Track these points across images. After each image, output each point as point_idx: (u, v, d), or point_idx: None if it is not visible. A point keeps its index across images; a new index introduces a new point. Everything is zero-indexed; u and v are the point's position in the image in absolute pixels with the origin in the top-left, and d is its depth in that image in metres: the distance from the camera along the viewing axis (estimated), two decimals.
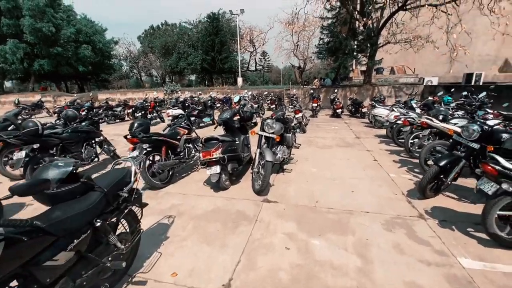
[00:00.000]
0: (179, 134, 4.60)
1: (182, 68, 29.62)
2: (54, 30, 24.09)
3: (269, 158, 3.52)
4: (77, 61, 27.43)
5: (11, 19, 23.10)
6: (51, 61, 25.65)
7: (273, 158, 3.62)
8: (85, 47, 27.26)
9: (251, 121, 5.00)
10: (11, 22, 23.05)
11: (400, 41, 16.33)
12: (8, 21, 22.98)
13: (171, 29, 32.86)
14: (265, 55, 40.88)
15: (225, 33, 27.82)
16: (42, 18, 23.59)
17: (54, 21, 24.44)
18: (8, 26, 23.06)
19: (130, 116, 11.68)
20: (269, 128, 3.90)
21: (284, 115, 4.72)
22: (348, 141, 7.35)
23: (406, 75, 26.67)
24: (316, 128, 9.72)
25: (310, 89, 16.66)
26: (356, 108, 12.60)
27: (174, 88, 21.17)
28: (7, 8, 22.72)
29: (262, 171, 3.61)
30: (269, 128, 3.90)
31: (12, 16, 23.18)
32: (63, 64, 26.70)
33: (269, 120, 3.95)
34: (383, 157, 5.68)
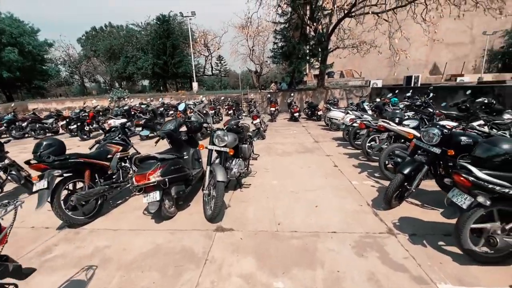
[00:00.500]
0: (110, 152, 3.76)
1: (131, 73, 27.41)
2: None
3: (221, 178, 2.96)
4: (0, 66, 23.50)
5: None
6: None
7: (226, 177, 3.07)
8: (10, 49, 23.54)
9: (200, 131, 4.38)
10: None
11: (348, 46, 17.21)
12: None
13: (117, 31, 30.31)
14: (221, 60, 40.27)
15: (177, 36, 26.58)
16: None
17: None
18: None
19: (64, 129, 10.05)
20: (220, 141, 3.34)
21: (238, 123, 4.21)
22: (307, 146, 7.15)
23: (354, 78, 28.47)
24: (275, 133, 9.44)
25: (268, 93, 16.56)
26: (312, 111, 12.74)
27: (121, 94, 19.32)
28: None
29: (214, 193, 3.03)
30: (220, 140, 3.34)
31: None
32: None
33: (219, 131, 3.39)
34: (342, 162, 5.52)
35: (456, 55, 30.65)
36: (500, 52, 27.20)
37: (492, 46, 26.79)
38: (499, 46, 27.45)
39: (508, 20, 29.08)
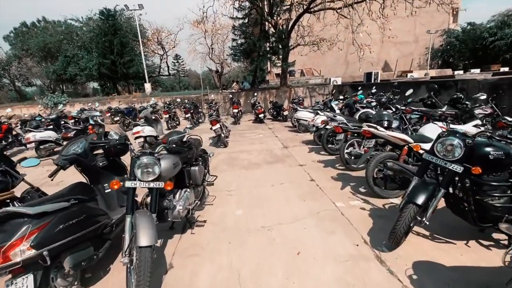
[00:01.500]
0: None
1: (72, 75, 24.02)
2: None
3: (145, 241, 1.80)
4: None
5: None
6: None
7: (154, 238, 1.89)
8: None
9: (125, 152, 3.09)
10: None
11: (308, 43, 16.84)
12: None
13: (53, 27, 26.42)
14: (178, 59, 37.92)
15: (126, 33, 23.98)
16: None
17: None
18: None
19: None
20: (146, 173, 2.14)
21: (182, 138, 3.03)
22: (277, 154, 6.20)
23: (314, 76, 28.72)
24: (240, 138, 8.37)
25: (229, 94, 15.42)
26: (277, 111, 11.94)
27: (58, 99, 16.54)
28: None
29: (137, 264, 1.84)
30: (146, 172, 2.14)
31: None
32: None
33: (145, 158, 2.16)
34: (319, 173, 4.66)
35: (403, 53, 32.70)
36: (440, 50, 29.61)
37: (433, 44, 29.02)
38: (439, 45, 29.90)
39: (445, 20, 31.99)
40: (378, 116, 3.80)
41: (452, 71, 24.37)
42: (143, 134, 6.89)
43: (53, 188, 2.82)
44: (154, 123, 8.05)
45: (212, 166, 5.48)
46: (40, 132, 7.35)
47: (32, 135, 7.20)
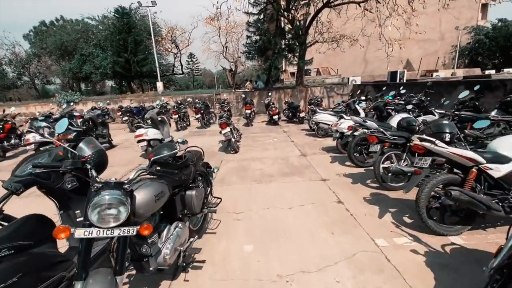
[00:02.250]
0: None
1: (88, 73, 24.14)
2: None
3: None
4: None
5: None
6: None
7: None
8: None
9: (103, 169, 2.36)
10: None
11: (327, 40, 15.84)
12: None
13: (70, 26, 26.73)
14: (192, 57, 37.70)
15: (140, 31, 23.81)
16: None
17: None
18: None
19: None
20: (108, 217, 1.42)
21: (176, 153, 2.30)
22: (294, 163, 5.41)
23: (330, 75, 27.61)
24: (252, 142, 7.63)
25: (242, 93, 14.71)
26: (293, 112, 11.11)
27: (71, 98, 16.46)
28: None
29: None
30: (108, 216, 1.42)
31: None
32: None
33: (107, 193, 1.42)
34: (348, 193, 3.83)
35: (426, 51, 30.84)
36: (467, 48, 27.66)
37: (459, 42, 27.14)
38: (466, 42, 27.96)
39: (473, 16, 29.84)
40: (436, 126, 2.92)
41: (481, 71, 22.54)
42: (146, 137, 6.28)
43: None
44: (161, 125, 7.45)
45: (219, 176, 4.78)
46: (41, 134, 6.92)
47: (31, 136, 6.78)
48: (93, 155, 2.19)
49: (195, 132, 10.01)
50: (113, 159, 6.66)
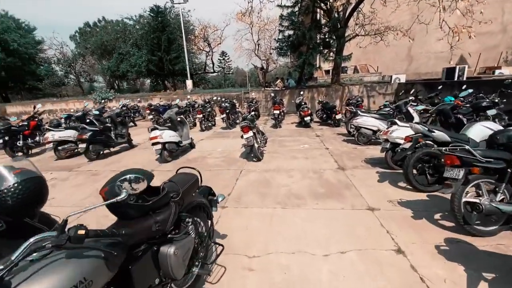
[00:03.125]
0: None
1: (124, 71, 25.04)
2: None
3: None
4: None
5: None
6: None
7: None
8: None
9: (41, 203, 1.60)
10: None
11: (370, 33, 14.14)
12: None
13: (111, 27, 27.97)
14: (224, 56, 37.55)
15: (174, 30, 23.97)
16: None
17: None
18: None
19: None
20: None
21: (136, 192, 1.41)
22: (329, 179, 4.32)
23: (369, 73, 25.50)
24: (279, 148, 6.64)
25: (272, 92, 13.73)
26: (327, 114, 9.87)
27: (106, 95, 16.92)
28: None
29: None
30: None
31: None
32: None
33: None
34: (410, 235, 2.68)
35: (484, 45, 26.94)
36: None
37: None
38: None
39: None
40: None
41: None
42: (160, 140, 5.64)
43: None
44: (180, 126, 6.81)
45: (235, 192, 3.90)
46: (60, 132, 6.68)
47: (50, 135, 6.55)
48: (18, 186, 1.40)
49: (218, 133, 9.29)
50: (127, 162, 6.15)
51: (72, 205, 3.88)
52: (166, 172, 5.19)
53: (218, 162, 5.72)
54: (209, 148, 7.06)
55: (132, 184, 1.24)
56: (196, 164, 5.64)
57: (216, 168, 5.25)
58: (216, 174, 4.89)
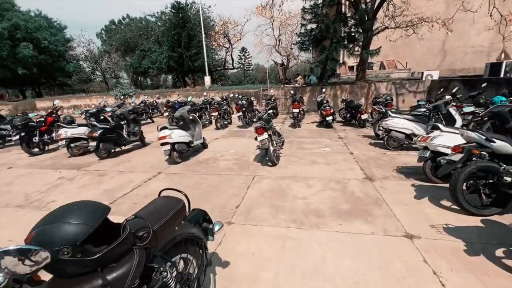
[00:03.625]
0: None
1: (146, 68, 25.42)
2: None
3: None
4: (15, 63, 22.79)
5: None
6: None
7: None
8: (25, 45, 22.67)
9: None
10: None
11: (401, 25, 12.97)
12: None
13: (134, 24, 28.50)
14: (244, 52, 37.11)
15: (194, 26, 23.88)
16: None
17: None
18: None
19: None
20: None
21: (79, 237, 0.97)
22: (355, 192, 3.70)
23: (397, 70, 23.93)
24: (297, 151, 6.06)
25: (291, 89, 13.06)
26: (352, 113, 9.09)
27: (126, 91, 17.13)
28: None
29: None
30: None
31: None
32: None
33: None
34: (468, 282, 2.05)
35: None
36: None
37: None
38: None
39: None
40: None
41: None
42: (169, 140, 5.29)
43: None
44: (192, 125, 6.45)
45: (244, 203, 3.42)
46: (73, 128, 6.57)
47: (63, 131, 6.45)
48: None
49: (234, 132, 8.85)
50: (136, 162, 5.88)
51: None
52: (172, 175, 4.82)
53: (230, 165, 5.26)
54: (222, 149, 6.63)
55: (17, 261, 0.77)
56: (206, 166, 5.23)
57: (227, 173, 4.79)
58: (226, 180, 4.44)
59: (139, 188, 4.30)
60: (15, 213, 3.64)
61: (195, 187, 4.19)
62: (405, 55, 27.74)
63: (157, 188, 4.28)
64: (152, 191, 4.11)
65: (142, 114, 12.18)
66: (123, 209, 3.55)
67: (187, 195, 1.67)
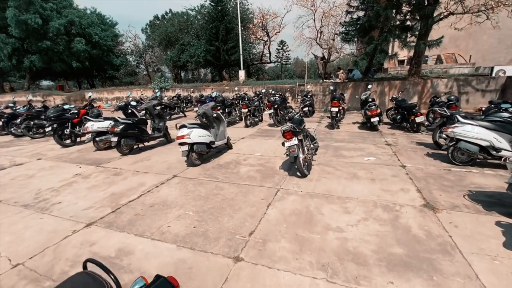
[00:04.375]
0: None
1: (184, 62, 25.85)
2: (41, 22, 21.42)
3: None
4: (70, 56, 24.82)
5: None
6: (42, 56, 23.22)
7: None
8: (79, 40, 24.53)
9: None
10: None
11: (471, 10, 10.82)
12: None
13: (176, 18, 29.14)
14: (283, 45, 35.85)
15: (232, 19, 23.46)
16: (27, 9, 21.02)
17: (42, 12, 21.78)
18: None
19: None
20: None
21: None
22: (412, 229, 2.72)
23: (458, 64, 20.91)
24: (333, 158, 5.11)
25: (331, 84, 11.83)
26: (403, 114, 7.71)
27: (163, 84, 17.42)
28: None
29: None
30: None
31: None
32: (55, 60, 24.22)
33: None
34: None
35: None
36: None
37: None
38: None
39: None
40: None
41: None
42: (188, 140, 4.76)
43: None
44: (216, 123, 5.88)
45: (260, 231, 2.67)
46: (99, 122, 6.45)
47: (90, 125, 6.37)
48: None
49: (263, 132, 8.13)
50: (155, 161, 5.49)
51: (69, 217, 3.25)
52: (187, 180, 4.28)
53: (252, 172, 4.55)
54: (247, 151, 5.96)
55: None
56: (225, 172, 4.60)
57: (247, 183, 4.09)
58: (244, 192, 3.74)
59: (148, 194, 3.83)
60: (16, 214, 3.40)
61: (207, 199, 3.57)
62: (468, 48, 24.26)
63: (166, 197, 3.78)
64: (159, 200, 3.60)
65: (174, 108, 12.09)
66: (122, 222, 3.07)
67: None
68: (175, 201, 3.56)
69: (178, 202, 3.54)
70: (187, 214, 3.21)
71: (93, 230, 2.94)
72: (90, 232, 2.89)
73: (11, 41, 21.96)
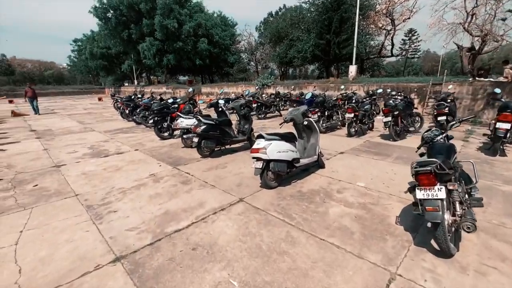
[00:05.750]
0: None
1: (291, 58, 25.13)
2: (177, 25, 25.48)
3: None
4: (195, 55, 28.61)
5: (149, 19, 26.08)
6: (175, 55, 27.76)
7: None
8: (202, 40, 27.88)
9: None
10: (149, 22, 26.01)
11: None
12: (147, 21, 26.08)
13: (289, 13, 28.71)
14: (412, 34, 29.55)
15: (350, 7, 20.70)
16: (169, 15, 25.40)
17: (178, 17, 25.87)
18: (147, 25, 26.17)
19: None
20: None
21: None
22: None
23: None
24: (507, 221, 2.78)
25: (489, 85, 8.04)
26: None
27: (266, 81, 17.17)
28: (146, 9, 25.74)
29: None
30: None
31: (150, 17, 26.10)
32: (184, 58, 28.48)
33: None
34: None
35: None
36: None
37: None
38: None
39: None
40: None
41: None
42: (263, 156, 3.63)
43: None
44: (305, 133, 4.51)
45: None
46: (188, 119, 6.25)
47: (180, 121, 6.26)
48: None
49: (372, 145, 6.06)
50: (230, 170, 4.66)
51: (109, 238, 2.72)
52: (253, 211, 3.13)
53: (348, 219, 2.95)
54: (345, 175, 4.29)
55: None
56: (306, 208, 3.18)
57: (334, 240, 2.57)
58: (327, 263, 2.25)
59: (199, 224, 2.93)
60: (75, 217, 3.18)
61: (267, 261, 2.31)
62: None
63: (217, 236, 2.72)
64: (207, 240, 2.61)
65: (270, 106, 11.36)
66: (149, 269, 2.24)
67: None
68: (224, 249, 2.49)
69: (228, 252, 2.44)
70: (230, 284, 2.06)
71: (113, 273, 2.22)
72: (108, 277, 2.18)
73: (156, 43, 27.13)
